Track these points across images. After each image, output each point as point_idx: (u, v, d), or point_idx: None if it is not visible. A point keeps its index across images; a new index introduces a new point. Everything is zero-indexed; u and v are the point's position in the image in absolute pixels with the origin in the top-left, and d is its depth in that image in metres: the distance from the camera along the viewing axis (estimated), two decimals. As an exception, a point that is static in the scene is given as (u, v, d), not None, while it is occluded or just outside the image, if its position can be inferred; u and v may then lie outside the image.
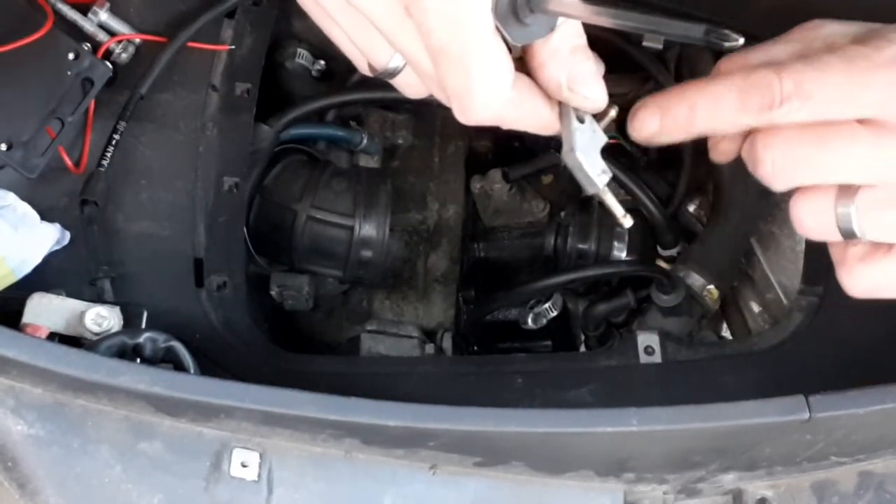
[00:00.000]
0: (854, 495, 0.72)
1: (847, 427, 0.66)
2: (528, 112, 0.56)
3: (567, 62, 0.54)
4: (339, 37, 0.58)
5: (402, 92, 0.60)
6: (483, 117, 0.53)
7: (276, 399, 0.63)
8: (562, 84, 0.54)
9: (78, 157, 0.87)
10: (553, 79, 0.54)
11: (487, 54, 0.50)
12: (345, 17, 0.56)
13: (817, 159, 0.56)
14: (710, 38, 0.45)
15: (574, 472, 0.69)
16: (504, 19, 0.50)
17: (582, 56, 0.54)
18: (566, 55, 0.54)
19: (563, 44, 0.54)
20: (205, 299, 0.87)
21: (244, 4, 0.95)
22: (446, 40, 0.49)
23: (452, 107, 0.53)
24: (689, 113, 0.58)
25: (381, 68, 0.58)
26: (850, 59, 0.55)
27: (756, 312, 1.00)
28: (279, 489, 0.67)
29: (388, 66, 0.58)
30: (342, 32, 0.57)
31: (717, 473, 0.71)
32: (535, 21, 0.51)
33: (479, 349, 1.12)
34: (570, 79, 0.54)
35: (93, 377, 0.63)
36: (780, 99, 0.55)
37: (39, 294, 0.76)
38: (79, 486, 0.66)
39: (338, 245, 0.97)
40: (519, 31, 0.51)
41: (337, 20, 0.56)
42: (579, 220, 1.05)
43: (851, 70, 0.55)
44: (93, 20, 0.89)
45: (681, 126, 0.58)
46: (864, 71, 0.55)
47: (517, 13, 0.50)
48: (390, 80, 0.59)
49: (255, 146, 0.96)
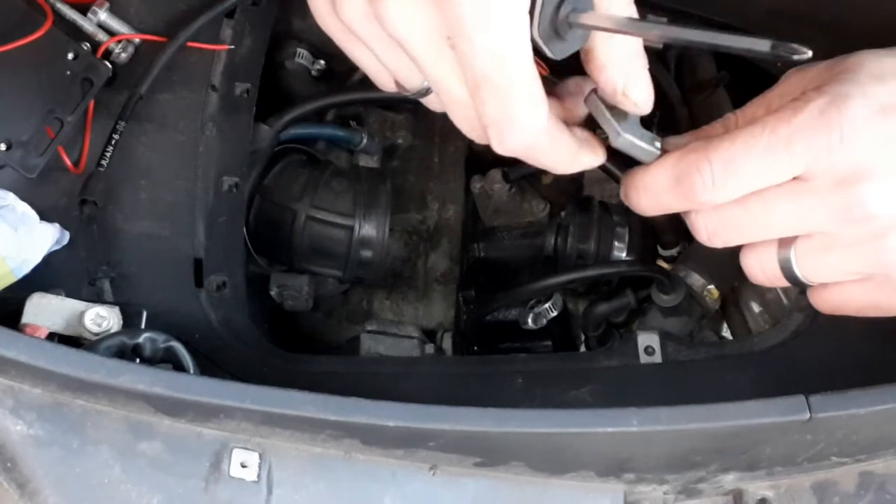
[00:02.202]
0: (855, 496, 0.72)
1: (848, 427, 0.66)
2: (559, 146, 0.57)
3: (626, 67, 0.55)
4: (363, 58, 0.59)
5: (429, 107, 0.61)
6: (520, 145, 0.54)
7: (275, 399, 0.63)
8: (618, 88, 0.55)
9: (77, 157, 0.87)
10: (611, 81, 0.56)
11: (530, 84, 0.52)
12: (378, 44, 0.56)
13: (747, 222, 0.59)
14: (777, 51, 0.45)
15: (574, 472, 0.69)
16: (546, 36, 0.52)
17: (640, 62, 0.56)
18: (626, 60, 0.55)
19: (624, 49, 0.55)
20: (204, 299, 0.87)
21: (244, 4, 0.95)
22: (491, 71, 0.51)
23: (489, 134, 0.54)
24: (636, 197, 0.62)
25: (413, 90, 0.59)
26: (772, 129, 0.57)
27: (756, 312, 0.99)
28: (279, 489, 0.66)
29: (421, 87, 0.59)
30: (368, 54, 0.58)
31: (717, 474, 0.71)
32: (573, 35, 0.53)
33: (479, 349, 1.12)
34: (627, 84, 0.55)
35: (92, 377, 0.63)
36: (711, 183, 0.57)
37: (39, 294, 0.76)
38: (78, 486, 0.66)
39: (338, 245, 0.97)
40: (559, 46, 0.53)
41: (369, 45, 0.57)
42: (579, 220, 1.05)
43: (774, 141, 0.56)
44: (92, 20, 0.89)
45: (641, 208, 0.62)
46: (785, 139, 0.56)
47: (557, 30, 0.52)
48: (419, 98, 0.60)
49: (255, 146, 0.95)
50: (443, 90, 0.55)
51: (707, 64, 1.09)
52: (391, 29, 0.53)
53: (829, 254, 0.60)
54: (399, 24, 0.52)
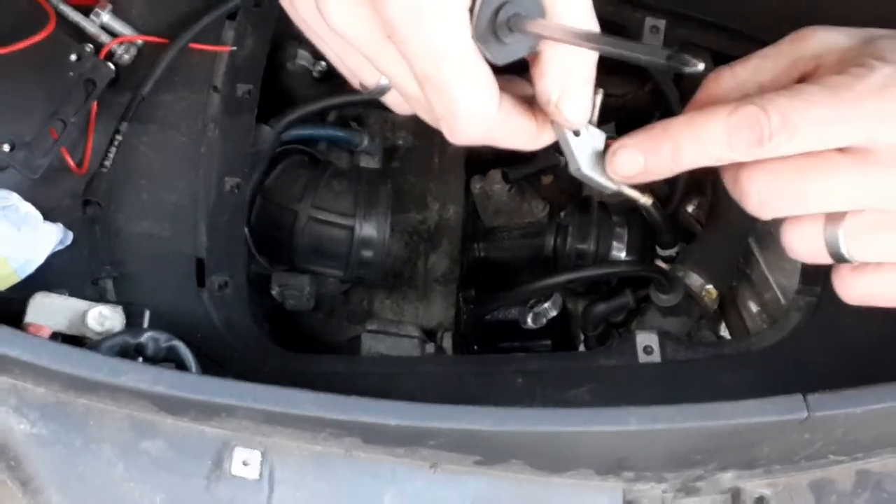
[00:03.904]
0: (852, 494, 0.72)
1: (845, 426, 0.67)
2: (515, 131, 0.56)
3: (565, 79, 0.54)
4: (331, 56, 0.59)
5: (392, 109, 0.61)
6: (471, 138, 0.53)
7: (277, 398, 0.63)
8: (551, 99, 0.54)
9: (80, 158, 0.87)
10: (546, 91, 0.54)
11: (470, 79, 0.51)
12: (332, 41, 0.57)
13: (802, 191, 0.56)
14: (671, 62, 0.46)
15: (573, 470, 0.69)
16: (484, 39, 0.50)
17: (582, 78, 0.54)
18: (567, 72, 0.53)
19: (569, 61, 0.53)
20: (206, 299, 0.88)
21: (246, 5, 0.96)
22: (429, 68, 0.50)
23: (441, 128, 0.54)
24: (675, 151, 0.57)
25: (370, 87, 0.59)
26: (833, 90, 0.55)
27: (754, 312, 1.00)
28: (280, 488, 0.67)
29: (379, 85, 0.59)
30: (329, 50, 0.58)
31: (715, 472, 0.71)
32: (516, 40, 0.51)
33: (479, 349, 1.12)
34: (562, 97, 0.54)
35: (95, 376, 0.63)
36: (768, 135, 0.55)
37: (42, 294, 0.76)
38: (81, 484, 0.66)
39: (338, 245, 0.98)
40: (499, 50, 0.51)
41: (325, 41, 0.57)
42: (579, 220, 1.05)
43: (836, 102, 0.55)
44: (95, 21, 0.89)
45: (665, 165, 0.58)
46: (848, 102, 0.55)
47: (496, 33, 0.51)
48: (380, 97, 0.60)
49: (257, 147, 0.96)
50: (397, 85, 0.55)
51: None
52: (333, 25, 0.53)
53: (881, 233, 0.58)
54: (338, 20, 0.52)
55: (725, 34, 1.01)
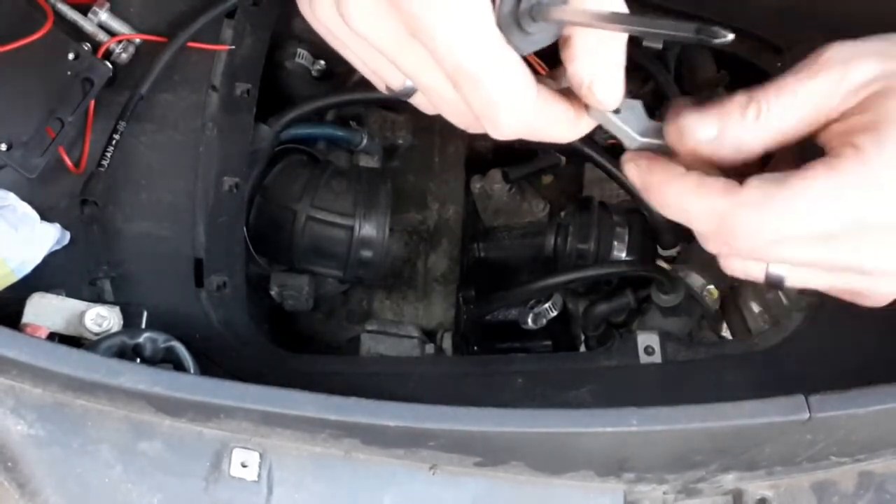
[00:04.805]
0: (854, 495, 0.72)
1: (847, 427, 0.66)
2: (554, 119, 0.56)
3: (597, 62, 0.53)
4: (354, 60, 0.59)
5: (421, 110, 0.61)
6: (514, 130, 0.53)
7: (275, 399, 0.63)
8: (584, 82, 0.53)
9: (78, 158, 0.87)
10: (578, 74, 0.53)
11: (504, 68, 0.51)
12: (355, 44, 0.56)
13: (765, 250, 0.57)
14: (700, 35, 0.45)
15: (574, 472, 0.69)
16: (507, 29, 0.50)
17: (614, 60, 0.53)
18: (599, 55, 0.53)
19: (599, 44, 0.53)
20: (205, 299, 0.87)
21: (244, 4, 0.95)
22: (461, 63, 0.50)
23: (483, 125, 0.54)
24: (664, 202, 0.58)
25: (397, 89, 0.58)
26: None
27: (756, 312, 0.99)
28: (279, 489, 0.67)
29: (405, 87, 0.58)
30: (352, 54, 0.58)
31: (717, 473, 0.71)
32: (539, 29, 0.51)
33: (479, 349, 1.12)
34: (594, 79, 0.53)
35: (93, 377, 0.63)
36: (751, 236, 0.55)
37: (39, 294, 0.76)
38: (79, 485, 0.66)
39: (338, 245, 0.97)
40: (523, 40, 0.51)
41: (347, 45, 0.56)
42: (579, 220, 1.05)
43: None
44: (93, 20, 0.89)
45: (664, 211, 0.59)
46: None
47: (520, 23, 0.50)
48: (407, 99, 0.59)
49: (255, 146, 0.96)
50: (424, 86, 0.55)
51: (707, 64, 1.09)
52: (355, 27, 0.52)
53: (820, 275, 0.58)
54: (360, 22, 0.52)
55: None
